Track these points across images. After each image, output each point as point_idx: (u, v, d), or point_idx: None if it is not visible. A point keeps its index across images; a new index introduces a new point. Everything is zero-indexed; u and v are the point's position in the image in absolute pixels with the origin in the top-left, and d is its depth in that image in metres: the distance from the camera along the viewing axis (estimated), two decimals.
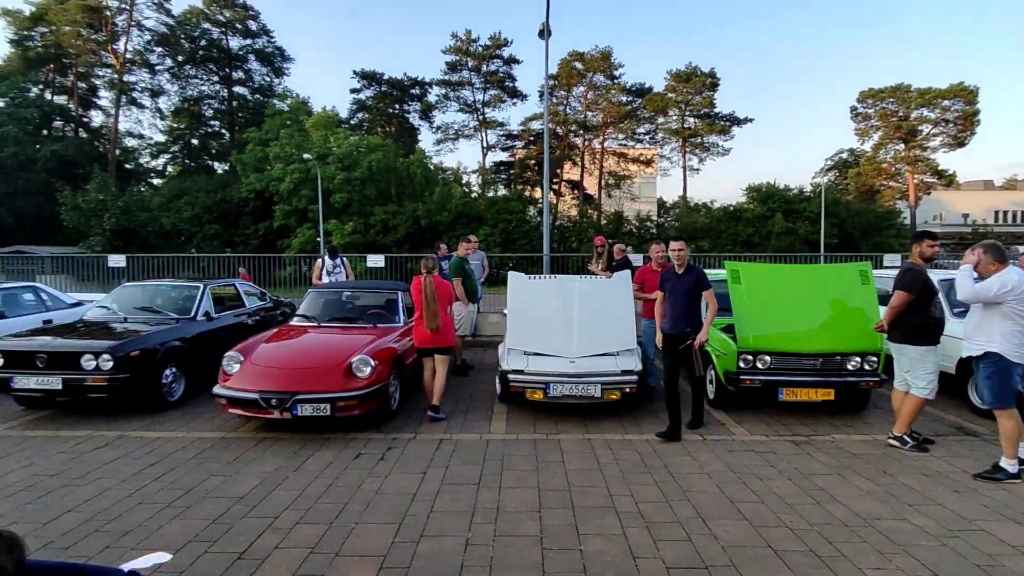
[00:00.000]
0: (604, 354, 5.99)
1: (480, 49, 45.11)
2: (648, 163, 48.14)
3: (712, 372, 6.25)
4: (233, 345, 5.91)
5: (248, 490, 4.11)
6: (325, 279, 9.35)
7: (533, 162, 46.31)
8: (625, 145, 47.96)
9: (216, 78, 48.42)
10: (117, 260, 14.44)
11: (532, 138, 46.97)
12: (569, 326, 6.21)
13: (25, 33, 42.38)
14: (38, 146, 39.06)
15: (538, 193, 42.68)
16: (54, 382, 5.69)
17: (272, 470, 4.50)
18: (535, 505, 3.85)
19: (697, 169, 49.10)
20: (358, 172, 33.13)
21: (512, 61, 45.94)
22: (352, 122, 47.24)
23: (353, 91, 48.32)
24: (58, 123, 44.53)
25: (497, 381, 6.27)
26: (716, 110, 46.38)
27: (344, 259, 9.89)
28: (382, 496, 4.01)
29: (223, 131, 49.92)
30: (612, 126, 45.84)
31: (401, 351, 6.12)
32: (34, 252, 23.60)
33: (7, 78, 40.37)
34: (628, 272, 7.00)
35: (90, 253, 24.56)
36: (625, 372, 5.72)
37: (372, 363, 5.38)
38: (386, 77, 47.77)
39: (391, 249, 29.77)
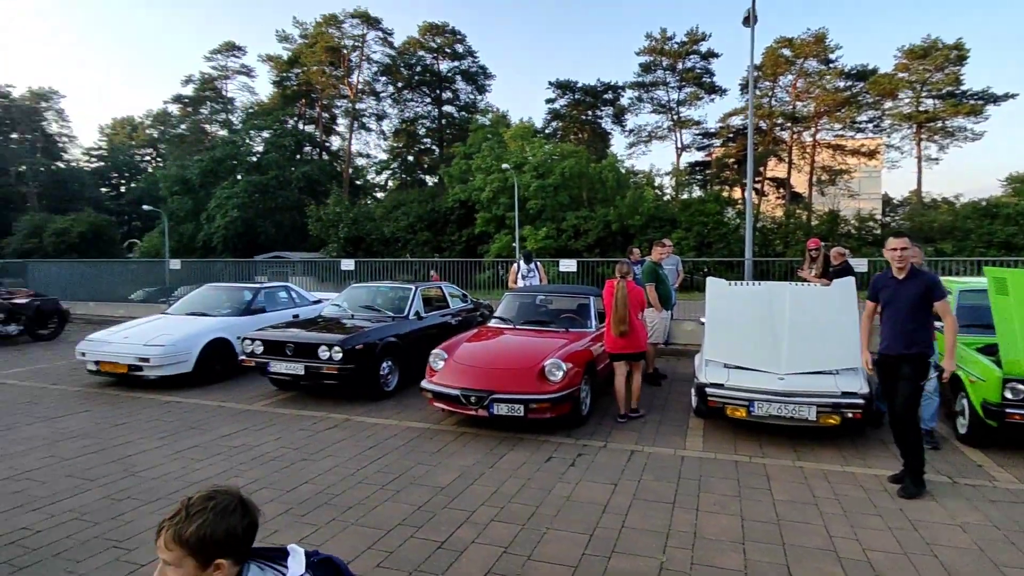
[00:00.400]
0: (820, 372, 5.30)
1: (676, 47, 43.62)
2: (871, 155, 42.09)
3: (965, 402, 5.18)
4: (439, 343, 6.38)
5: (449, 482, 4.36)
6: (520, 283, 9.70)
7: (732, 160, 43.45)
8: (842, 136, 42.57)
9: (428, 99, 53.64)
10: (347, 264, 16.65)
11: (731, 135, 44.12)
12: (778, 338, 5.60)
13: (284, 75, 51.26)
14: (292, 168, 46.80)
15: (737, 193, 39.95)
16: (298, 368, 6.68)
17: (470, 464, 4.73)
18: (737, 535, 3.51)
19: (936, 159, 41.57)
20: (552, 179, 34.11)
21: (710, 56, 43.68)
22: (547, 131, 48.81)
23: (548, 101, 49.94)
24: (307, 148, 52.94)
25: (693, 394, 5.91)
26: (963, 88, 38.85)
27: (538, 263, 10.17)
28: (573, 503, 3.97)
29: (433, 147, 55.07)
30: (826, 115, 41.01)
31: (593, 356, 6.08)
32: (288, 257, 28.26)
33: (271, 113, 49.25)
34: (851, 279, 6.13)
35: (328, 258, 28.72)
36: (847, 394, 4.99)
37: (564, 367, 5.41)
38: (579, 85, 48.51)
39: (582, 254, 30.10)
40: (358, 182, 54.00)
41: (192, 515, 1.28)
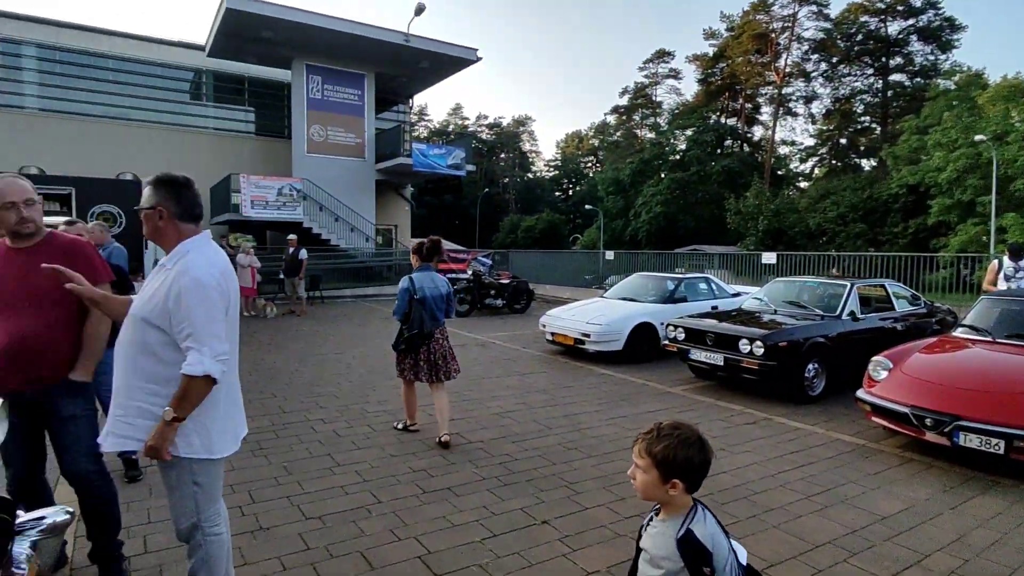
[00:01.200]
0: None
1: None
2: None
3: None
4: (878, 349, 5.55)
5: (892, 512, 3.76)
6: (1002, 285, 7.59)
7: None
8: None
9: (870, 71, 46.43)
10: (769, 257, 15.97)
11: None
12: None
13: (708, 71, 52.06)
14: (713, 163, 47.32)
15: None
16: (717, 359, 6.77)
17: (922, 498, 3.97)
18: None
19: None
20: None
21: None
22: None
23: None
24: (728, 142, 52.66)
25: None
26: None
27: None
28: None
29: (873, 125, 47.57)
30: None
31: None
32: (705, 250, 28.76)
33: (695, 111, 50.84)
34: None
35: (745, 251, 28.02)
36: None
37: None
38: None
39: None
40: (780, 172, 50.95)
41: (661, 437, 1.58)
